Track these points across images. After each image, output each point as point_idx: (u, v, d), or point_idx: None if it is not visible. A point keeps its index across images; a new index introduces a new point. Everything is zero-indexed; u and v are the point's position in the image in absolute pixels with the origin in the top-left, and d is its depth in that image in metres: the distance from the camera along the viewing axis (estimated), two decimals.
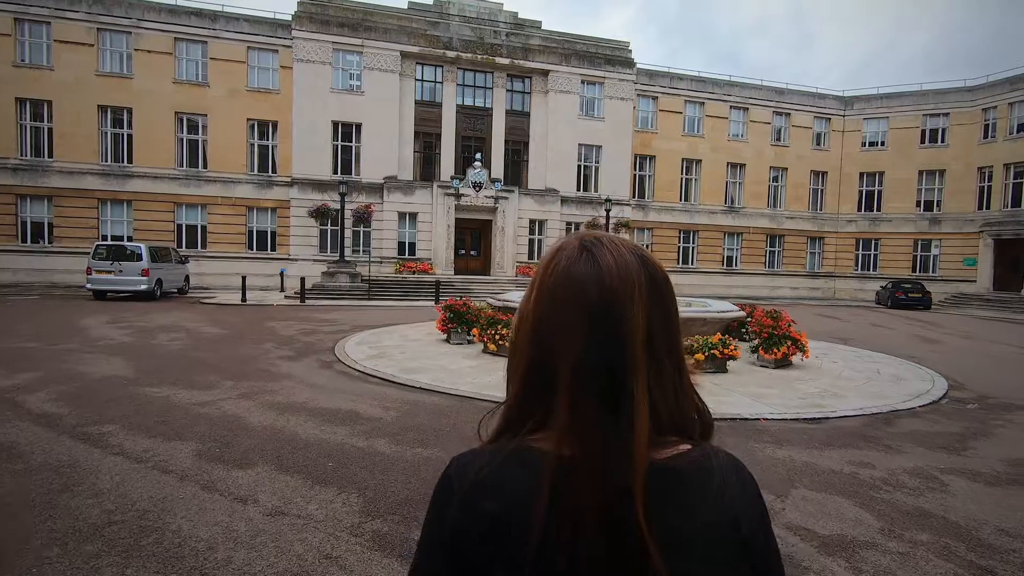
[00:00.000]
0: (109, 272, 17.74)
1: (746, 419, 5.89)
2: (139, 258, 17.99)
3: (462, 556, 0.63)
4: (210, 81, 24.24)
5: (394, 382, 7.21)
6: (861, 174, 32.93)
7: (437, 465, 4.18)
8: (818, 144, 33.00)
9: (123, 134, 23.71)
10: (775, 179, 32.54)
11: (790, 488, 3.93)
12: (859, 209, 33.04)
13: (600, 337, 0.62)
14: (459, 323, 10.15)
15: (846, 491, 3.91)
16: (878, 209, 32.62)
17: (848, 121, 33.06)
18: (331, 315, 15.45)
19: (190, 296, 20.46)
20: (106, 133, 23.51)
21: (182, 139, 24.30)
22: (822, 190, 33.31)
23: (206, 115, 24.30)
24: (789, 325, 8.97)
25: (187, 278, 21.46)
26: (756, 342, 8.89)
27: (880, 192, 32.57)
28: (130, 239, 22.75)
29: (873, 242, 32.85)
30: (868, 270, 33.00)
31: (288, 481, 3.78)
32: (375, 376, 7.53)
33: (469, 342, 10.32)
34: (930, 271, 31.44)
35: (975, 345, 13.31)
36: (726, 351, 8.10)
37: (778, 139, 32.35)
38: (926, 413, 6.48)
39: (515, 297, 11.24)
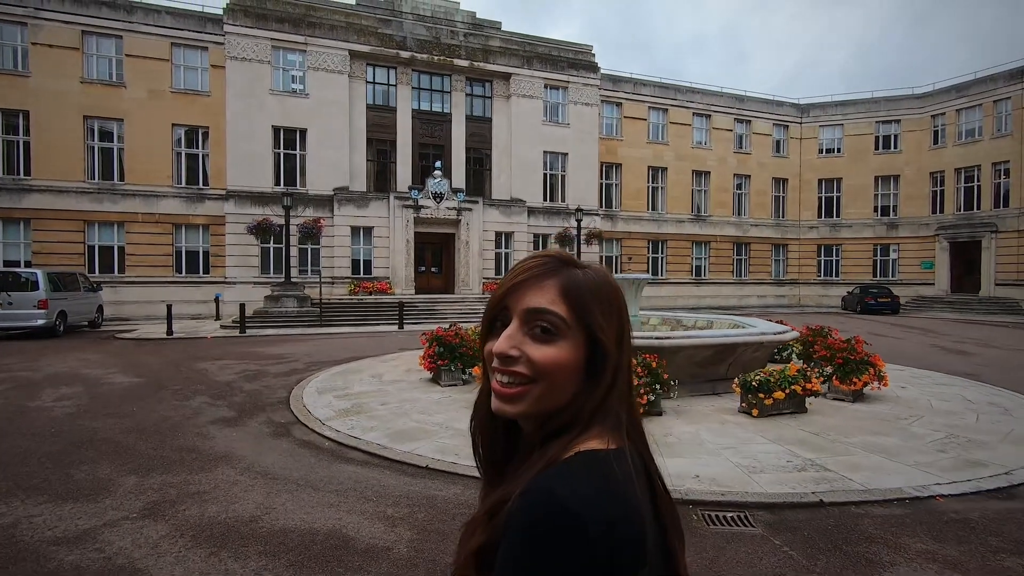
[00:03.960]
0: None
1: (918, 498, 4.10)
2: (34, 287, 14.75)
3: None
4: (127, 81, 21.05)
5: (387, 459, 5.00)
6: (820, 180, 33.03)
7: None
8: (778, 151, 32.92)
9: (18, 141, 20.11)
10: (739, 187, 32.11)
11: None
12: (819, 215, 33.09)
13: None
14: (452, 359, 8.01)
15: None
16: (837, 215, 32.76)
17: (805, 128, 33.19)
18: (279, 348, 12.88)
19: (103, 330, 17.20)
20: None
21: (93, 147, 20.90)
22: (783, 197, 33.19)
23: (122, 120, 21.04)
24: (864, 347, 7.38)
25: (100, 308, 18.15)
26: (829, 370, 7.24)
27: (839, 198, 32.74)
28: (28, 264, 19.21)
29: (834, 248, 32.91)
30: (831, 276, 33.00)
31: None
32: (357, 449, 5.29)
33: (465, 382, 8.19)
34: (890, 275, 31.69)
35: (1013, 357, 12.22)
36: (808, 386, 6.39)
37: (740, 146, 32.00)
38: None
39: None
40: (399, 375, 9.03)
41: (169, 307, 16.23)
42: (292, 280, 19.59)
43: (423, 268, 24.36)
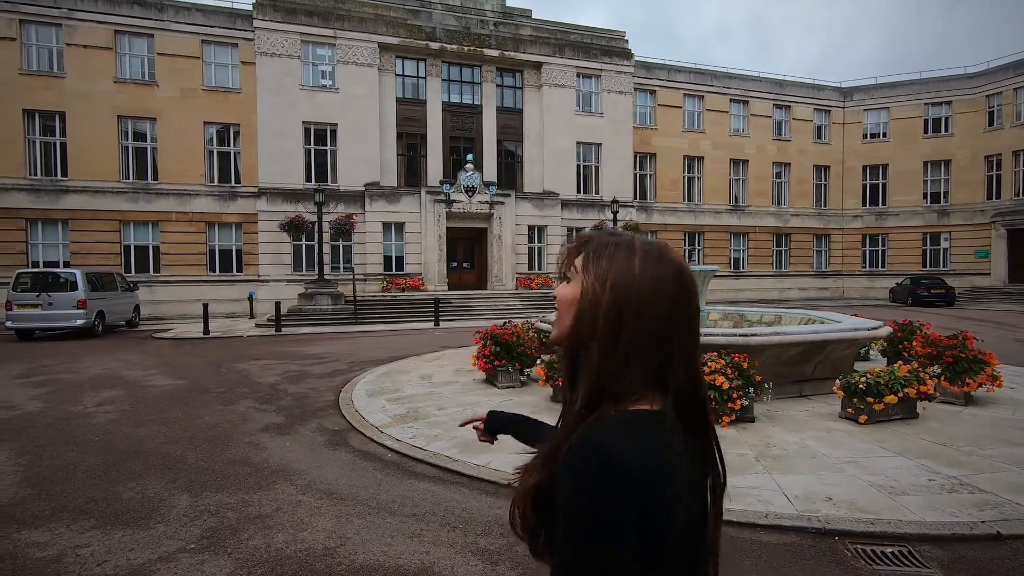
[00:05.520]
0: (35, 306, 14.38)
1: None
2: (73, 287, 14.69)
3: (648, 530, 0.68)
4: (159, 80, 20.99)
5: (461, 474, 4.45)
6: (864, 167, 31.54)
7: None
8: (819, 137, 31.51)
9: (55, 142, 20.21)
10: (778, 175, 30.84)
11: None
12: (864, 204, 31.59)
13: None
14: (510, 359, 7.44)
15: None
16: (883, 203, 31.24)
17: (848, 113, 31.71)
18: (317, 347, 12.51)
19: (141, 329, 17.14)
20: (34, 142, 19.98)
21: (127, 147, 20.91)
22: (825, 185, 31.78)
23: (155, 119, 21.00)
24: (976, 344, 6.58)
25: (137, 308, 18.12)
26: (937, 370, 6.46)
27: (885, 185, 31.22)
28: (67, 264, 19.29)
29: (880, 238, 31.41)
30: (876, 267, 31.53)
31: None
32: (424, 462, 4.75)
33: (523, 383, 7.62)
34: (941, 265, 30.12)
35: None
36: (922, 388, 5.64)
37: (779, 133, 30.71)
38: None
39: None
40: (449, 376, 8.50)
41: (205, 306, 16.04)
42: (325, 277, 19.29)
43: (455, 264, 23.90)
